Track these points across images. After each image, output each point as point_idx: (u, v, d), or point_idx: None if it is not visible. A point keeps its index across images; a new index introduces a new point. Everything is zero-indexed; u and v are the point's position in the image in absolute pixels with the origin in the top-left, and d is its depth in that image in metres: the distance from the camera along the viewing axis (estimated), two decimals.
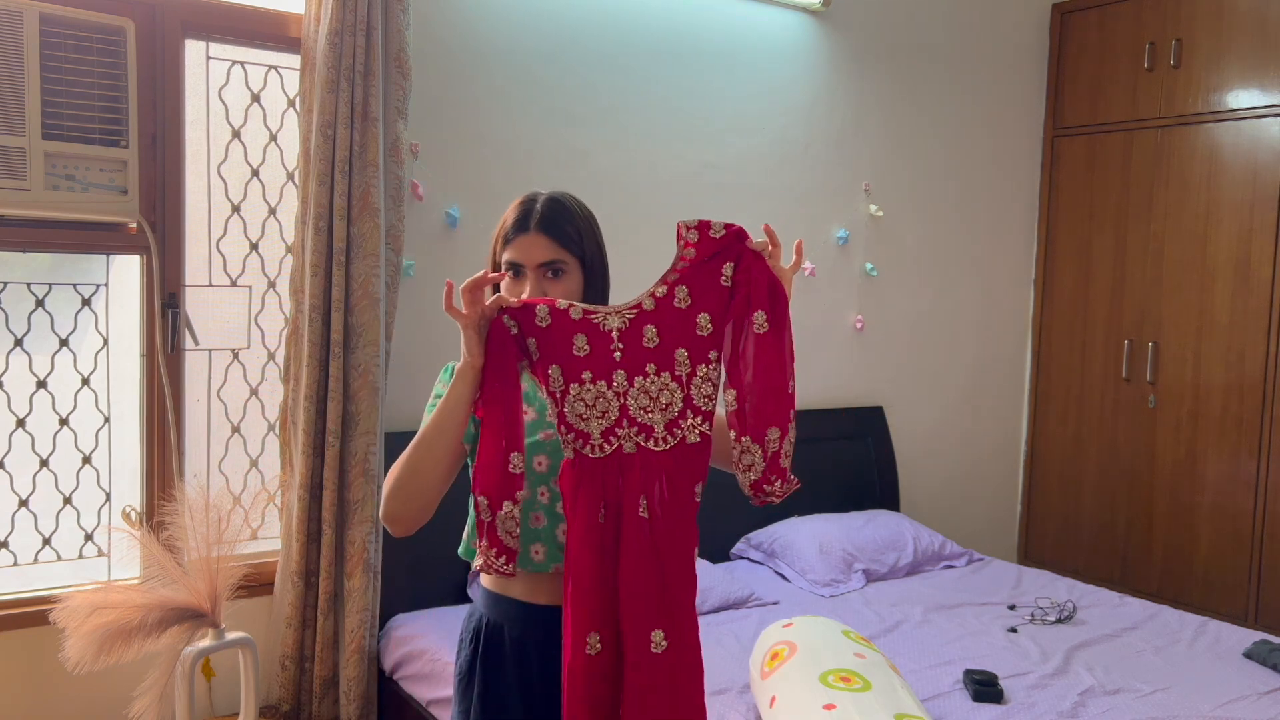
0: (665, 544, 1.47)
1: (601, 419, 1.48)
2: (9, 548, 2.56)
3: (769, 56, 3.60)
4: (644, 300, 1.48)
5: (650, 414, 1.48)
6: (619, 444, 1.48)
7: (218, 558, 2.34)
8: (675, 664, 1.47)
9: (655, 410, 1.48)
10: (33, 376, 2.56)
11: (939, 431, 4.20)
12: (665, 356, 1.48)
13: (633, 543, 1.46)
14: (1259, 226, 3.66)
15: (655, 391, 1.48)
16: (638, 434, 1.48)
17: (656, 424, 1.48)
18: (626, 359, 1.48)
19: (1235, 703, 2.39)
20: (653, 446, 1.48)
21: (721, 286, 1.47)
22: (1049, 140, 4.34)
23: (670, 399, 1.48)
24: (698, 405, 1.48)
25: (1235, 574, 3.74)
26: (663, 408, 1.48)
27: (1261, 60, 3.64)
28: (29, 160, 2.32)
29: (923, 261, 4.07)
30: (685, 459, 1.48)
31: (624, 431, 1.48)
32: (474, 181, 3.03)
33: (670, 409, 1.48)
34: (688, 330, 1.48)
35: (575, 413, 1.48)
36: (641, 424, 1.48)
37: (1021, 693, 2.41)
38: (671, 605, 1.48)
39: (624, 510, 1.47)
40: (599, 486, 1.48)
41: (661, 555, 1.47)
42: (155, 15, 2.58)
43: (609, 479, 1.48)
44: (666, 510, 1.48)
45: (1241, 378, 3.72)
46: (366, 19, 2.61)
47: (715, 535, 3.40)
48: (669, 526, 1.48)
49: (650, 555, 1.46)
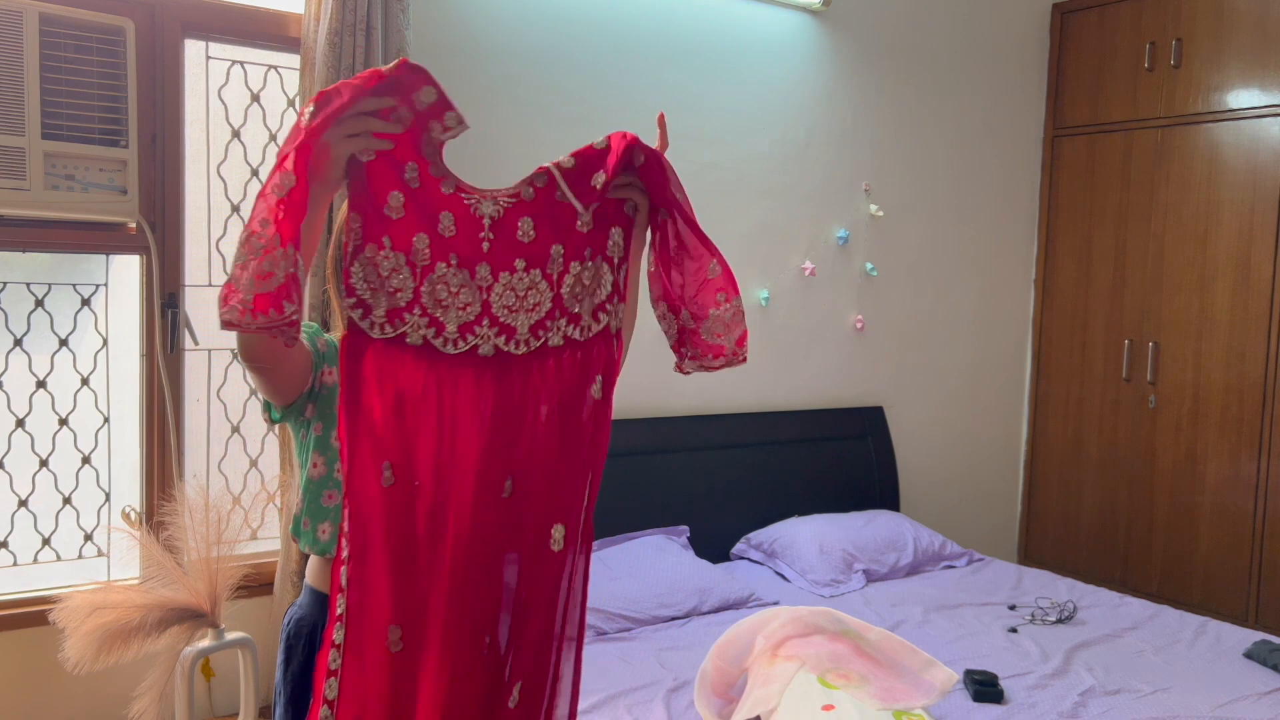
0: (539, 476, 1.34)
1: (462, 311, 1.32)
2: (9, 548, 2.56)
3: (769, 56, 3.60)
4: (523, 189, 1.35)
5: (515, 314, 1.34)
6: (474, 344, 1.32)
7: (217, 558, 2.34)
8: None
9: (521, 310, 1.34)
10: (32, 376, 2.56)
11: (939, 431, 4.20)
12: (539, 253, 1.34)
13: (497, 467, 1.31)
14: (1259, 226, 3.66)
15: (523, 290, 1.34)
16: (498, 334, 1.33)
17: (520, 326, 1.34)
18: (495, 251, 1.33)
19: (1235, 703, 2.39)
20: (511, 349, 1.33)
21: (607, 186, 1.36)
22: (1049, 140, 4.34)
23: (539, 299, 1.35)
24: (567, 306, 1.36)
25: (1235, 574, 3.74)
26: (529, 308, 1.34)
27: (1261, 60, 3.64)
28: (29, 160, 2.32)
29: (923, 261, 4.07)
30: (560, 369, 1.35)
31: (482, 330, 1.32)
32: (473, 181, 3.02)
33: (538, 309, 1.35)
34: (567, 225, 1.35)
35: (435, 297, 1.31)
36: (504, 324, 1.33)
37: (1022, 693, 2.41)
38: (557, 512, 1.35)
39: (463, 421, 1.30)
40: (447, 390, 1.30)
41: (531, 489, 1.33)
42: (155, 15, 2.58)
43: (463, 383, 1.31)
44: (542, 442, 1.33)
45: (1242, 378, 3.71)
46: (366, 19, 2.61)
47: (715, 535, 3.40)
48: (549, 459, 1.34)
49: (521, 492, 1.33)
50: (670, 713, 2.26)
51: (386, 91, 1.26)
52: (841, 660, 2.17)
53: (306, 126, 1.20)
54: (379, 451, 1.27)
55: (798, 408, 3.77)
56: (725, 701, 2.22)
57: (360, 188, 1.28)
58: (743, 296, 3.57)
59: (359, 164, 1.28)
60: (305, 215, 1.19)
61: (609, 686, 2.36)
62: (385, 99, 1.26)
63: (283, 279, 1.18)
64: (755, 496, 3.51)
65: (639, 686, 2.38)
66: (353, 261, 1.29)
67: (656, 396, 3.43)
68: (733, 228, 3.51)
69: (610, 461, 3.51)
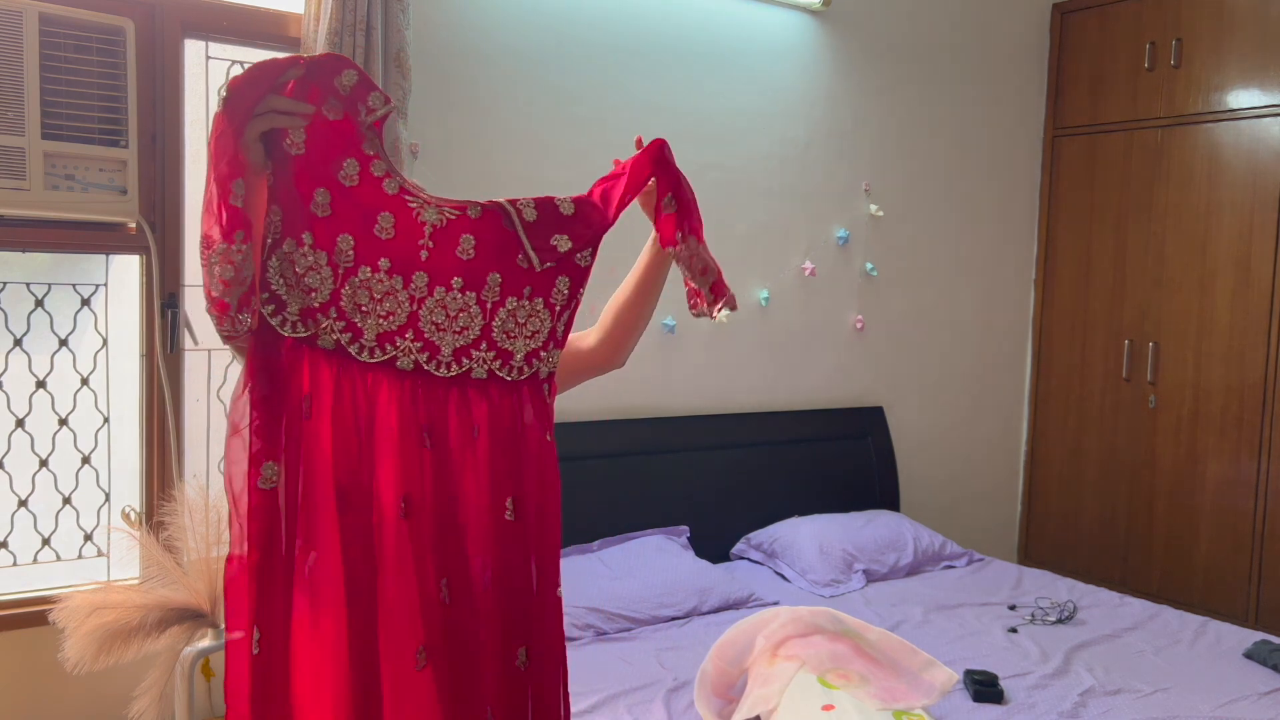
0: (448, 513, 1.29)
1: (384, 320, 1.26)
2: (8, 548, 2.56)
3: (769, 56, 3.60)
4: (470, 206, 1.29)
5: (442, 333, 1.29)
6: (393, 355, 1.27)
7: (217, 558, 2.34)
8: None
9: (448, 330, 1.29)
10: (32, 376, 2.56)
11: (939, 431, 4.20)
12: (476, 275, 1.29)
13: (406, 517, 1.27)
14: (1259, 226, 3.66)
15: (454, 310, 1.29)
16: (420, 350, 1.28)
17: (445, 346, 1.29)
18: (433, 261, 1.27)
19: (1235, 703, 2.39)
20: (432, 370, 1.29)
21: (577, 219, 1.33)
22: (1049, 140, 4.34)
23: (468, 323, 1.30)
24: (495, 340, 1.31)
25: (1235, 574, 3.74)
26: (456, 330, 1.29)
27: (1261, 60, 3.64)
28: (29, 160, 2.32)
29: (923, 261, 4.07)
30: (494, 404, 1.31)
31: (404, 343, 1.27)
32: (474, 181, 3.03)
33: (464, 334, 1.29)
34: (509, 256, 1.30)
35: (355, 300, 1.26)
36: (428, 340, 1.28)
37: (1022, 693, 2.41)
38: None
39: (380, 435, 1.26)
40: (362, 399, 1.25)
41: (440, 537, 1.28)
42: (155, 15, 2.58)
43: (379, 394, 1.26)
44: (477, 472, 1.29)
45: (1242, 378, 3.71)
46: (366, 19, 2.61)
47: (715, 535, 3.40)
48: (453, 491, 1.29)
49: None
50: (670, 713, 2.26)
51: (307, 79, 1.22)
52: (841, 660, 2.17)
53: (221, 114, 1.17)
54: (266, 451, 1.23)
55: (798, 408, 3.77)
56: (725, 701, 2.22)
57: (285, 180, 1.23)
58: (744, 297, 3.60)
59: (285, 155, 1.22)
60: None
61: (609, 686, 2.37)
62: (305, 87, 1.22)
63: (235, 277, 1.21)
64: (755, 496, 3.51)
65: (639, 686, 2.38)
66: (270, 255, 1.23)
67: (656, 396, 3.43)
68: (733, 228, 3.51)
69: (610, 461, 3.54)
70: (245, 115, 1.18)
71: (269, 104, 1.19)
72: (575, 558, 2.98)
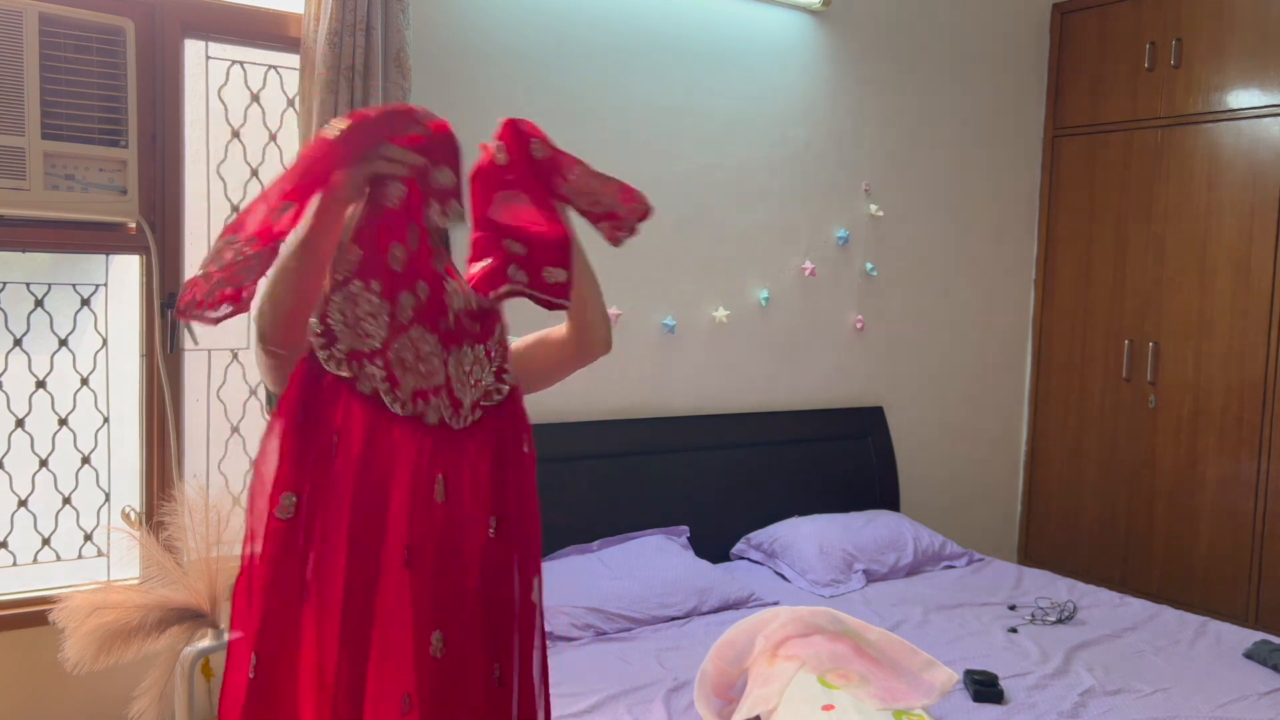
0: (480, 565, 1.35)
1: (421, 378, 1.33)
2: (8, 548, 2.56)
3: (769, 56, 3.60)
4: (493, 300, 1.41)
5: (465, 389, 1.37)
6: (423, 410, 1.33)
7: (217, 558, 2.34)
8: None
9: (467, 386, 1.37)
10: (32, 376, 2.56)
11: (939, 431, 4.20)
12: (483, 336, 1.42)
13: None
14: (1259, 227, 3.66)
15: (469, 365, 1.38)
16: (448, 406, 1.35)
17: (466, 400, 1.37)
18: (453, 334, 1.38)
19: (1235, 703, 2.38)
20: (453, 424, 1.35)
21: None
22: (1049, 140, 4.34)
23: (480, 375, 1.40)
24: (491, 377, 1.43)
25: (1235, 574, 3.74)
26: (473, 384, 1.38)
27: (1261, 60, 3.64)
28: (29, 160, 2.32)
29: (923, 261, 4.07)
30: (491, 435, 1.39)
31: (436, 401, 1.34)
32: None
33: (479, 386, 1.39)
34: (495, 316, 1.44)
35: (399, 355, 1.31)
36: (455, 397, 1.36)
37: (1022, 693, 2.41)
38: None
39: (396, 485, 1.30)
40: (382, 448, 1.30)
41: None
42: (155, 15, 2.58)
43: (401, 446, 1.30)
44: (467, 510, 1.35)
45: (1242, 378, 3.71)
46: (366, 19, 2.61)
47: (715, 535, 3.40)
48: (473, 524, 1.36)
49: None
50: (670, 713, 2.26)
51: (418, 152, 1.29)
52: (841, 660, 2.17)
53: (336, 141, 1.24)
54: (289, 480, 1.25)
55: (798, 408, 3.77)
56: (725, 701, 2.22)
57: (372, 225, 1.29)
58: (744, 296, 3.60)
59: (380, 205, 1.29)
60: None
61: (609, 686, 2.36)
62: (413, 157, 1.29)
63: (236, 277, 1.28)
64: (755, 496, 3.51)
65: (639, 686, 2.38)
66: (335, 290, 1.28)
67: (656, 396, 3.43)
68: (733, 228, 3.51)
69: (610, 461, 3.54)
70: (358, 151, 1.25)
71: (387, 150, 1.25)
72: (575, 558, 2.99)
